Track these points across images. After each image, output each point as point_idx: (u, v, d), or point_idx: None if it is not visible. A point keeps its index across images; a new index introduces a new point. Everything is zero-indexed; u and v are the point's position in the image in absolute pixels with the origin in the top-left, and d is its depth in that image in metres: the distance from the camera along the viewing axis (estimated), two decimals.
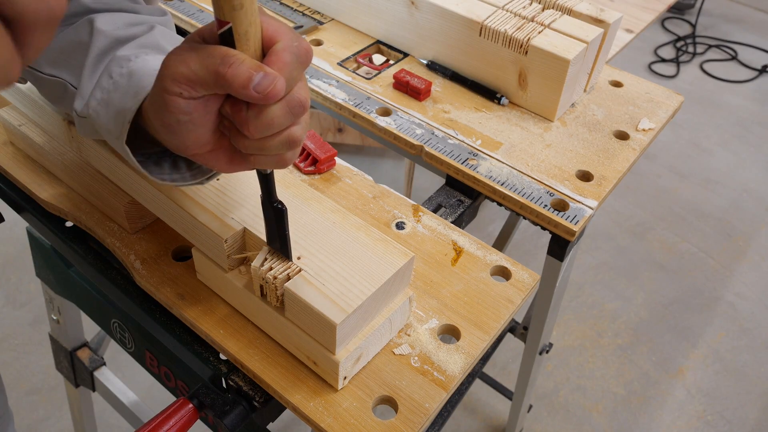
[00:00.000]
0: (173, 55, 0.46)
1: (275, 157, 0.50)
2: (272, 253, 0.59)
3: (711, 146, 2.60)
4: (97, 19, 0.58)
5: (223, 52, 0.44)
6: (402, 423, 0.58)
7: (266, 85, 0.43)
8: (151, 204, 0.68)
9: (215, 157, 0.51)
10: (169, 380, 0.83)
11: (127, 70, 0.55)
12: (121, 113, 0.53)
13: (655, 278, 2.07)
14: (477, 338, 0.66)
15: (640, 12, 1.27)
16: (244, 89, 0.43)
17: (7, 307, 1.86)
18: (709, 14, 3.37)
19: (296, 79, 0.47)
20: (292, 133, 0.48)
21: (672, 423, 1.71)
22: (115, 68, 0.55)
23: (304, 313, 0.57)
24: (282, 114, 0.46)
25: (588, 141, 0.94)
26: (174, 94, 0.45)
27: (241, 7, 0.43)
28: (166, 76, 0.45)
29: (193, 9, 1.14)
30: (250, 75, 0.43)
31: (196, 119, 0.47)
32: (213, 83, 0.44)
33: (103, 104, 0.55)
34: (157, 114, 0.48)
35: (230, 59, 0.43)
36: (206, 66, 0.44)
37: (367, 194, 0.81)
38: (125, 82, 0.54)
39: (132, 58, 0.55)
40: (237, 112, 0.46)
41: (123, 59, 0.56)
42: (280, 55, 0.45)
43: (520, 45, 0.91)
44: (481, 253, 0.75)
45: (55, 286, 1.02)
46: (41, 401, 1.66)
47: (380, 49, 1.09)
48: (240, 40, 0.45)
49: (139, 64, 0.55)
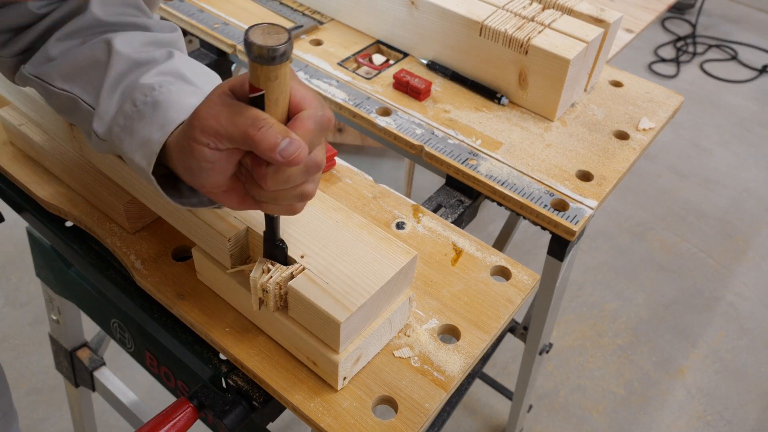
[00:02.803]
0: (205, 108, 0.49)
1: (286, 206, 0.53)
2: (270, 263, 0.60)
3: (711, 146, 2.60)
4: (116, 39, 0.59)
5: (254, 115, 0.47)
6: (402, 423, 0.58)
7: (291, 152, 0.46)
8: (154, 203, 0.68)
9: (228, 196, 0.53)
10: (169, 380, 0.83)
11: (152, 100, 0.55)
12: (147, 144, 0.54)
13: (655, 278, 2.07)
14: (477, 338, 0.66)
15: (640, 12, 1.27)
16: (271, 152, 0.46)
17: (7, 307, 1.86)
18: (709, 14, 3.37)
19: (317, 144, 0.50)
20: (305, 188, 0.51)
21: (672, 423, 1.71)
22: (139, 96, 0.56)
23: (307, 312, 0.57)
24: (299, 173, 0.49)
25: (588, 141, 0.94)
26: (201, 144, 0.48)
27: (276, 79, 0.46)
28: (196, 126, 0.48)
29: (193, 9, 1.14)
30: (276, 140, 0.46)
31: (217, 167, 0.50)
32: (241, 141, 0.47)
33: (127, 131, 0.56)
34: (181, 157, 0.51)
35: (260, 123, 0.46)
36: (237, 125, 0.47)
37: (367, 194, 0.81)
38: (150, 112, 0.55)
39: (156, 86, 0.56)
40: (257, 167, 0.49)
41: (147, 87, 0.56)
42: (305, 122, 0.48)
43: (520, 45, 0.91)
44: (481, 253, 0.75)
45: (55, 286, 1.02)
46: (41, 401, 1.66)
47: (380, 49, 1.09)
48: (270, 106, 0.47)
49: (165, 95, 0.56)
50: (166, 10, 1.13)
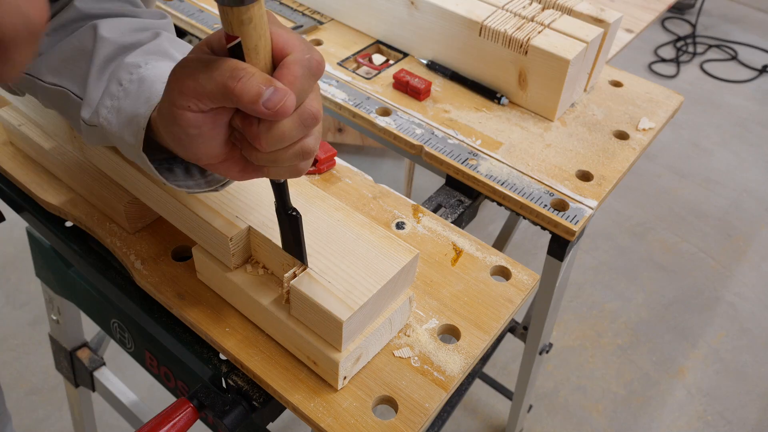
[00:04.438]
0: (181, 67, 0.45)
1: (289, 168, 0.49)
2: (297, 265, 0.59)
3: (711, 146, 2.60)
4: (101, 25, 0.57)
5: (232, 66, 0.43)
6: (402, 423, 0.58)
7: (276, 101, 0.42)
8: (155, 203, 0.68)
9: (227, 167, 0.50)
10: (169, 380, 0.83)
11: (138, 77, 0.54)
12: (134, 120, 0.52)
13: (655, 278, 2.07)
14: (477, 338, 0.66)
15: (640, 12, 1.27)
16: (254, 105, 0.42)
17: (7, 307, 1.86)
18: (709, 14, 3.37)
19: (308, 91, 0.45)
20: (304, 144, 0.47)
21: (672, 423, 1.71)
22: (125, 75, 0.54)
23: (310, 311, 0.57)
24: (294, 127, 0.45)
25: (588, 141, 0.94)
26: (182, 108, 0.44)
27: (250, 22, 0.42)
28: (174, 89, 0.44)
29: (193, 9, 1.14)
30: (259, 90, 0.42)
31: (205, 132, 0.46)
32: (221, 97, 0.43)
33: (114, 111, 0.54)
34: (166, 127, 0.47)
35: (239, 73, 0.42)
36: (214, 79, 0.43)
37: (367, 194, 0.81)
38: (135, 89, 0.53)
39: (141, 64, 0.55)
40: (248, 126, 0.45)
41: (132, 66, 0.55)
42: (291, 68, 0.44)
43: (520, 45, 0.91)
44: (481, 253, 0.75)
45: (55, 286, 1.02)
46: (41, 401, 1.66)
47: (380, 49, 1.09)
48: (249, 54, 0.43)
49: (150, 70, 0.54)
50: (167, 11, 1.13)
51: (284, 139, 0.45)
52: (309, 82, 0.45)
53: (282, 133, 0.45)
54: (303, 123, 0.45)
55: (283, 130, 0.44)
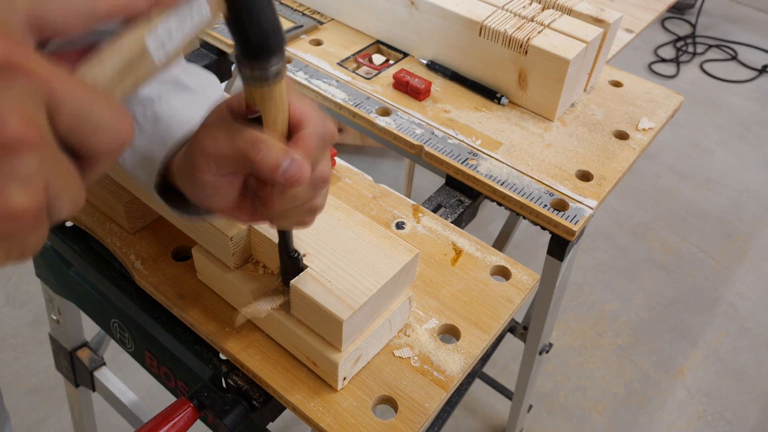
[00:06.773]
0: (204, 132, 0.48)
1: (296, 222, 0.53)
2: None
3: (711, 146, 2.60)
4: None
5: (253, 137, 0.45)
6: (402, 423, 0.58)
7: (293, 172, 0.45)
8: (155, 203, 0.68)
9: (237, 213, 0.52)
10: (169, 380, 0.83)
11: (152, 114, 0.55)
12: (149, 161, 0.54)
13: (655, 278, 2.07)
14: (477, 338, 0.66)
15: (640, 12, 1.27)
16: (272, 175, 0.45)
17: (7, 307, 1.86)
18: (709, 14, 3.36)
19: (320, 159, 0.49)
20: (313, 203, 0.51)
21: (672, 423, 1.71)
22: (138, 108, 0.55)
23: (310, 311, 0.57)
24: (306, 190, 0.48)
25: (588, 141, 0.94)
26: (202, 171, 0.47)
27: (271, 99, 0.45)
28: (197, 153, 0.47)
29: None
30: (278, 162, 0.44)
31: (221, 192, 0.49)
32: (242, 165, 0.46)
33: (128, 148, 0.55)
34: (184, 181, 0.51)
35: (260, 145, 0.45)
36: (236, 148, 0.45)
37: (366, 194, 0.81)
38: (150, 127, 0.55)
39: (155, 98, 0.56)
40: (262, 188, 0.48)
41: (146, 100, 0.56)
42: (307, 140, 0.47)
43: (520, 45, 0.91)
44: (481, 253, 0.75)
45: (55, 286, 1.02)
46: (41, 401, 1.66)
47: (380, 49, 1.09)
48: (269, 125, 0.46)
49: (164, 107, 0.55)
50: None
51: (295, 200, 0.48)
52: (323, 151, 0.48)
53: (294, 196, 0.48)
54: (314, 186, 0.49)
55: (295, 193, 0.48)
